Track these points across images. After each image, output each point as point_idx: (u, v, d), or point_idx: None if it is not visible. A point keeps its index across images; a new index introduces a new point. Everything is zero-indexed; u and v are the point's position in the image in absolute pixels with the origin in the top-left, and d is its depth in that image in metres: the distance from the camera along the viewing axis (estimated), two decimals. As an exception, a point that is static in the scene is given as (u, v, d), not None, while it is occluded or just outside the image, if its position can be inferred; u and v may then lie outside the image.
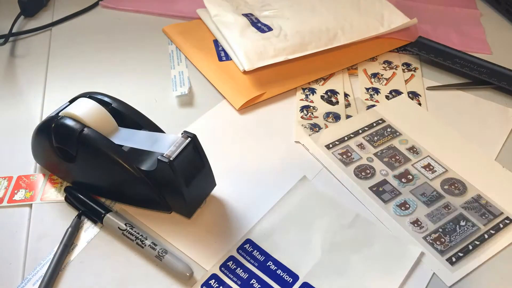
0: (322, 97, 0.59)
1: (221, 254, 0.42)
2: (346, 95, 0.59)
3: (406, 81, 0.62)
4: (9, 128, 0.54)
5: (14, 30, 0.67)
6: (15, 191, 0.47)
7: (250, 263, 0.42)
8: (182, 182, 0.41)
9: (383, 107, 0.57)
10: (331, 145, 0.52)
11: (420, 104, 0.58)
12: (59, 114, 0.45)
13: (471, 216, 0.46)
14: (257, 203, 0.46)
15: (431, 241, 0.43)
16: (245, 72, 0.61)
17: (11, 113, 0.56)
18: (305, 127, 0.55)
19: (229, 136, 0.54)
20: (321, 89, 0.60)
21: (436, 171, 0.49)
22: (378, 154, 0.51)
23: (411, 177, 0.49)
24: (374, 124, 0.55)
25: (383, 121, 0.55)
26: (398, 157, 0.51)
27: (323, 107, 0.57)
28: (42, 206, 0.46)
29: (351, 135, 0.53)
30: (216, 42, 0.67)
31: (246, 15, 0.67)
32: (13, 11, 0.70)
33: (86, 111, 0.44)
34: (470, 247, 0.43)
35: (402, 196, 0.47)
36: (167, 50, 0.66)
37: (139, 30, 0.70)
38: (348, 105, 0.58)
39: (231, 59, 0.63)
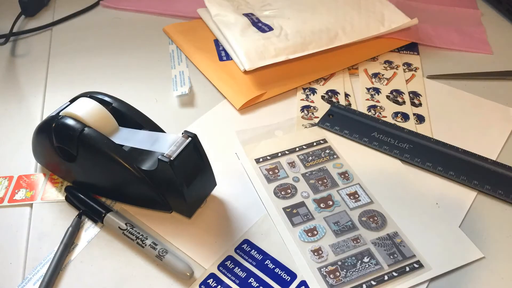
0: (322, 97, 0.59)
1: (220, 254, 0.42)
2: (346, 95, 0.59)
3: (407, 81, 0.62)
4: (9, 128, 0.54)
5: (14, 30, 0.68)
6: (16, 191, 0.47)
7: (248, 262, 0.42)
8: (183, 182, 0.41)
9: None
10: (261, 159, 0.50)
11: (421, 104, 0.58)
12: (60, 114, 0.45)
13: (379, 253, 0.42)
14: (257, 203, 0.47)
15: (325, 273, 0.41)
16: (245, 72, 0.61)
17: (12, 112, 0.56)
18: (306, 127, 0.55)
19: (229, 135, 0.54)
20: (321, 89, 0.60)
21: (360, 200, 0.46)
22: (307, 175, 0.48)
23: (331, 203, 0.46)
24: (314, 144, 0.52)
25: (325, 141, 0.52)
26: (326, 181, 0.48)
27: (323, 107, 0.57)
28: (42, 205, 0.46)
29: (286, 152, 0.51)
30: (216, 41, 0.67)
31: (246, 15, 0.67)
32: (13, 11, 0.70)
33: (86, 110, 0.44)
34: (364, 287, 0.40)
35: (314, 221, 0.44)
36: (167, 50, 0.66)
37: (140, 30, 0.70)
38: (348, 105, 0.58)
39: (231, 59, 0.63)
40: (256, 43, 0.61)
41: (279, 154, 0.51)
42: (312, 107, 0.57)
